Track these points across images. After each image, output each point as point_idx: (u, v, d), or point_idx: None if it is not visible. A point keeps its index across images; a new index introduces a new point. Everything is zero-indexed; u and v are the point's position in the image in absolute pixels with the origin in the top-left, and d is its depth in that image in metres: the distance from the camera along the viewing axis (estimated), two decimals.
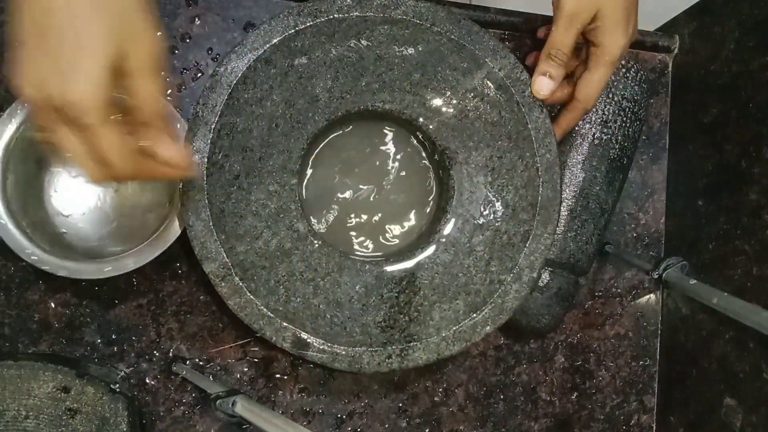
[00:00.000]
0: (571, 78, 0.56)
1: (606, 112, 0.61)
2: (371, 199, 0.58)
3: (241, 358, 0.61)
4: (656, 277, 0.62)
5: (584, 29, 0.51)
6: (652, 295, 0.70)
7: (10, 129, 0.52)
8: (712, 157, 0.65)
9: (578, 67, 0.54)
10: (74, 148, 0.38)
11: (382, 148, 0.59)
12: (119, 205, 0.59)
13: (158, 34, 0.37)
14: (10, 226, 0.52)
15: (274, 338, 0.51)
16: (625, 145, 0.62)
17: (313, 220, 0.57)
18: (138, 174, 0.39)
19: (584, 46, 0.53)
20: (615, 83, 0.61)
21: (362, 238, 0.58)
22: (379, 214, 0.58)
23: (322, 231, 0.57)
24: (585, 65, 0.53)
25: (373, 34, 0.53)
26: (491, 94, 0.54)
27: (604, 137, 0.61)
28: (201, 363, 0.60)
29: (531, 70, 0.55)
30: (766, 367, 0.56)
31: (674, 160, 0.70)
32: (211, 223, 0.50)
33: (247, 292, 0.50)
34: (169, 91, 0.61)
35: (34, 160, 0.56)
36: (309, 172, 0.57)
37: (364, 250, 0.58)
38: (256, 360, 0.61)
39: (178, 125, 0.54)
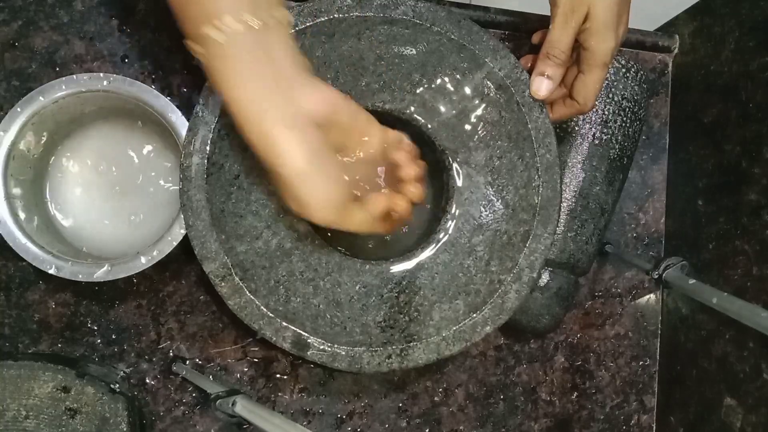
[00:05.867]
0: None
1: (606, 112, 0.61)
2: None
3: (241, 358, 0.61)
4: (656, 277, 0.62)
5: (578, 29, 0.51)
6: (652, 295, 0.70)
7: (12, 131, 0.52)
8: (712, 157, 0.65)
9: (571, 68, 0.54)
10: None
11: None
12: (120, 209, 0.59)
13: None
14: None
15: (274, 338, 0.51)
16: (625, 145, 0.62)
17: None
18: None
19: (576, 48, 0.53)
20: (615, 83, 0.61)
21: (362, 238, 0.58)
22: None
23: (322, 230, 0.57)
24: (577, 67, 0.53)
25: (373, 34, 0.53)
26: (491, 94, 0.54)
27: (604, 137, 0.61)
28: (201, 363, 0.60)
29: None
30: (766, 367, 0.56)
31: (674, 160, 0.70)
32: (211, 223, 0.50)
33: (247, 292, 0.50)
34: (170, 91, 0.61)
35: (36, 166, 0.56)
36: None
37: (365, 250, 0.58)
38: (256, 360, 0.61)
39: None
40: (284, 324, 0.51)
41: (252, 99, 0.41)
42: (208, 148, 0.50)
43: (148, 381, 0.59)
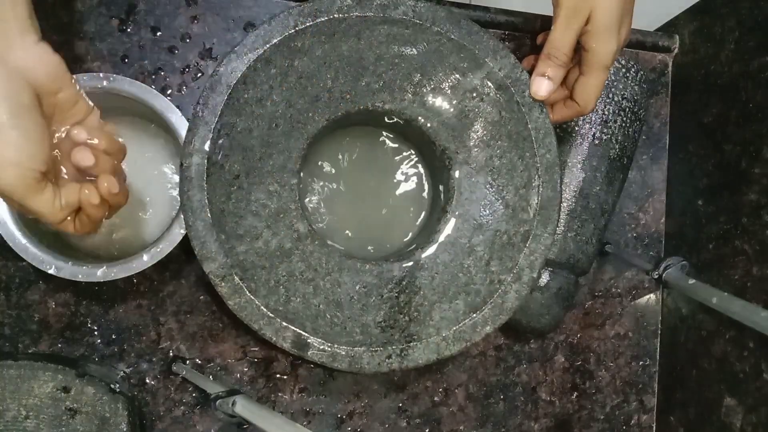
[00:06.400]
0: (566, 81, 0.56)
1: (606, 112, 0.61)
2: (371, 198, 0.58)
3: (241, 358, 0.61)
4: (656, 277, 0.62)
5: (580, 31, 0.51)
6: (652, 295, 0.70)
7: None
8: (712, 157, 0.65)
9: (572, 70, 0.54)
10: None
11: (382, 147, 0.59)
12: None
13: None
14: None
15: (274, 338, 0.51)
16: (625, 145, 0.62)
17: (313, 220, 0.57)
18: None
19: (577, 49, 0.53)
20: (615, 83, 0.61)
21: (362, 238, 0.58)
22: (379, 214, 0.58)
23: (322, 231, 0.57)
24: (579, 69, 0.53)
25: (373, 34, 0.53)
26: (491, 94, 0.54)
27: (604, 137, 0.61)
28: (201, 363, 0.60)
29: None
30: (766, 367, 0.56)
31: (674, 160, 0.70)
32: (211, 223, 0.50)
33: (247, 292, 0.50)
34: (170, 91, 0.61)
35: None
36: (309, 171, 0.57)
37: (364, 250, 0.58)
38: (256, 360, 0.61)
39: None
40: (284, 324, 0.51)
41: None
42: (207, 148, 0.50)
43: (148, 381, 0.59)
